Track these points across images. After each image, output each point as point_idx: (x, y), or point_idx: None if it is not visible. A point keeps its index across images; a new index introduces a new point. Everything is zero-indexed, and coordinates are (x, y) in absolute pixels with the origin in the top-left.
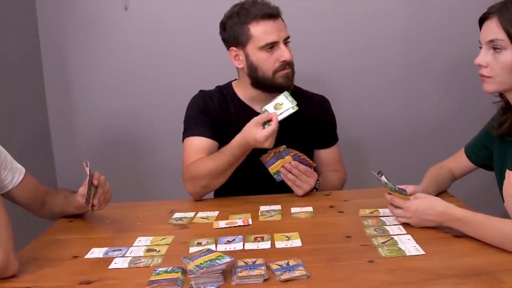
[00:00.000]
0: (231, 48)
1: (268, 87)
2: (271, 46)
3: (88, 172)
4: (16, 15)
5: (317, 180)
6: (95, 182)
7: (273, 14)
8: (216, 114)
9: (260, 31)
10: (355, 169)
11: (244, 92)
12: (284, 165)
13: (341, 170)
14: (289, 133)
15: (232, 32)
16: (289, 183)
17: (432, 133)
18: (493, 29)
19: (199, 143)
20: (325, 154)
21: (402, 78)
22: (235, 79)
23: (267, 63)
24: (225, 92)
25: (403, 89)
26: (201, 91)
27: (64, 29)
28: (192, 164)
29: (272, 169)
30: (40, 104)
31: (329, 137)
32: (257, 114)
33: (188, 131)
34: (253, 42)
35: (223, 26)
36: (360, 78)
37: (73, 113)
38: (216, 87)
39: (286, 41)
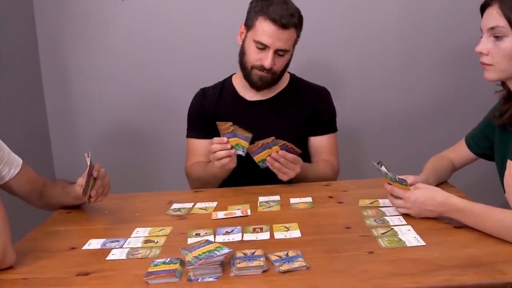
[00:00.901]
0: (242, 24)
1: (245, 76)
2: (262, 46)
3: (88, 163)
4: (13, 10)
5: None
6: (95, 173)
7: (279, 23)
8: (210, 112)
9: (261, 28)
10: (354, 159)
11: (240, 80)
12: (272, 155)
13: (334, 161)
14: (286, 121)
15: (248, 12)
16: (275, 171)
17: (432, 123)
18: (494, 16)
19: (195, 145)
20: (320, 142)
21: (401, 68)
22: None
23: (251, 55)
24: (225, 84)
25: (402, 79)
26: (201, 89)
27: (62, 22)
28: (190, 167)
29: (257, 158)
30: (37, 99)
31: (325, 125)
32: (247, 102)
33: (188, 132)
34: (252, 32)
35: (250, 2)
36: (358, 69)
37: (71, 107)
38: (218, 82)
39: (279, 52)
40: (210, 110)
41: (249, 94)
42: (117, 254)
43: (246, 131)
